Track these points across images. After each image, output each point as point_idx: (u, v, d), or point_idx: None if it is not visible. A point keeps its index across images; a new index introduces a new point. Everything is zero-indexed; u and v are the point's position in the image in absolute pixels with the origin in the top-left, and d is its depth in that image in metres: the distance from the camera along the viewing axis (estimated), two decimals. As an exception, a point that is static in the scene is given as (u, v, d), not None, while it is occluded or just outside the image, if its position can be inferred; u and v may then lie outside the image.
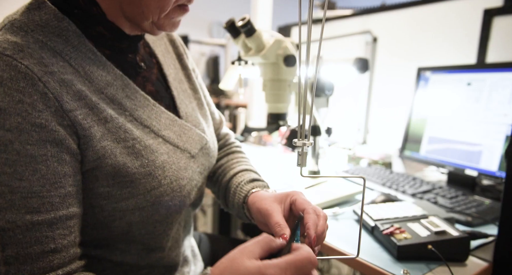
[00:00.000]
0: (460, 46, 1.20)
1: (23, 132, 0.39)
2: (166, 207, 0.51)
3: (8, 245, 0.38)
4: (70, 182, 0.43)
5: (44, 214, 0.40)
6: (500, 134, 0.89)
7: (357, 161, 1.30)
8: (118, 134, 0.47)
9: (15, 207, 0.39)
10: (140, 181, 0.48)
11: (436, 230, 0.62)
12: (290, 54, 0.83)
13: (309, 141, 0.41)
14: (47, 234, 0.40)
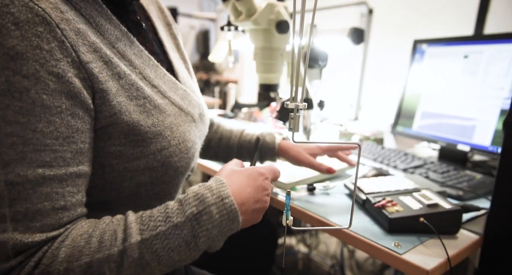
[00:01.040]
0: (458, 17, 1.16)
1: (39, 81, 0.37)
2: (174, 168, 0.51)
3: (17, 200, 0.36)
4: (82, 139, 0.41)
5: (55, 169, 0.38)
6: (495, 109, 0.87)
7: (348, 137, 1.28)
8: (130, 91, 0.46)
9: (27, 159, 0.36)
10: (151, 141, 0.47)
11: (428, 202, 0.60)
12: (282, 19, 0.78)
13: (302, 103, 0.38)
14: (58, 191, 0.38)
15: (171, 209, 0.42)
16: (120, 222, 0.41)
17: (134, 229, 0.39)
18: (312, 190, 0.77)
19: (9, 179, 0.36)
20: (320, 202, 0.71)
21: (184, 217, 0.40)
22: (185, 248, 0.40)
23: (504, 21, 1.05)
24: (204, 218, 0.40)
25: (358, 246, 0.58)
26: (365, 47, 1.45)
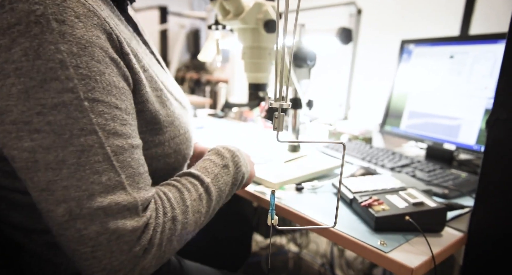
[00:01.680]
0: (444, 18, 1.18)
1: (108, 65, 0.41)
2: (183, 155, 0.57)
3: (123, 168, 0.41)
4: (134, 117, 0.46)
5: (135, 139, 0.44)
6: (480, 108, 0.88)
7: (337, 136, 1.29)
8: (151, 83, 0.51)
9: (119, 132, 0.41)
10: (166, 129, 0.52)
11: (414, 201, 0.61)
12: (271, 19, 0.78)
13: (287, 102, 0.38)
14: (141, 157, 0.45)
15: (214, 158, 0.56)
16: (187, 175, 0.52)
17: (202, 176, 0.52)
18: (300, 189, 0.77)
19: (113, 150, 0.40)
20: (308, 201, 0.71)
21: (225, 160, 0.56)
22: (231, 183, 0.56)
23: (488, 22, 1.07)
24: (236, 159, 0.58)
25: (345, 245, 0.58)
26: (354, 47, 1.46)
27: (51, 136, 0.38)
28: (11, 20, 0.37)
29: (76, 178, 0.38)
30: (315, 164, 0.89)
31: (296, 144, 1.01)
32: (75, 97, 0.38)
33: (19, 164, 0.39)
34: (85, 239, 0.39)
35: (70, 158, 0.38)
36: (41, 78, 0.37)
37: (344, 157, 0.39)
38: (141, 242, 0.41)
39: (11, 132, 0.38)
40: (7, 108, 0.38)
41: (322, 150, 1.10)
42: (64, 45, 0.38)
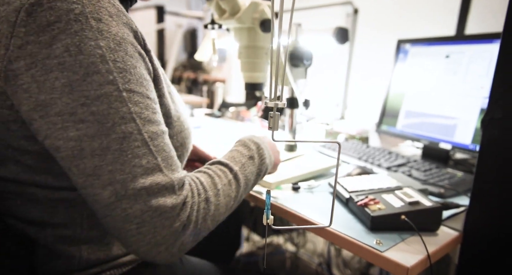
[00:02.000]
0: (441, 18, 1.18)
1: (138, 60, 0.45)
2: (187, 148, 0.60)
3: (158, 152, 0.45)
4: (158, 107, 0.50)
5: (164, 127, 0.48)
6: (476, 108, 0.89)
7: (334, 136, 1.29)
8: (164, 79, 0.54)
9: (152, 120, 0.45)
10: (175, 123, 0.55)
11: (409, 200, 0.61)
12: (267, 18, 0.78)
13: (282, 101, 0.37)
14: (170, 142, 0.48)
15: (241, 149, 0.60)
16: (216, 163, 0.56)
17: (231, 164, 0.56)
18: (296, 189, 0.77)
19: (149, 136, 0.44)
20: (305, 201, 0.71)
21: (251, 151, 0.60)
22: (256, 173, 0.60)
23: (484, 22, 1.07)
24: (261, 152, 0.61)
25: (341, 244, 0.58)
26: (350, 46, 1.46)
27: (95, 125, 0.41)
28: (50, 18, 0.39)
29: (120, 162, 0.42)
30: (311, 163, 0.89)
31: (293, 144, 1.01)
32: (115, 88, 0.42)
33: (65, 153, 0.41)
34: (131, 217, 0.42)
35: (113, 144, 0.41)
36: (83, 72, 0.40)
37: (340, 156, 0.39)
38: (180, 218, 0.45)
39: (57, 123, 0.41)
40: (51, 101, 0.40)
41: (319, 150, 1.10)
42: (103, 41, 0.41)
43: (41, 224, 0.50)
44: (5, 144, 0.45)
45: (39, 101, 0.40)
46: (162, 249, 0.45)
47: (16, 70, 0.40)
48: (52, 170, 0.47)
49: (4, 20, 0.41)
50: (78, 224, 0.51)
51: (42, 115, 0.41)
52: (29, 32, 0.40)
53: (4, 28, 0.40)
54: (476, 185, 0.58)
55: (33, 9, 0.39)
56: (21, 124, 0.43)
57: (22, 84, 0.40)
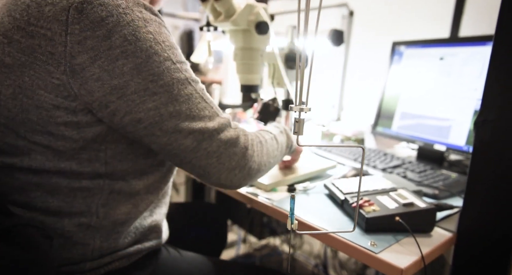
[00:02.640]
0: (435, 20, 1.19)
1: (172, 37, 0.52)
2: None
3: (210, 103, 0.55)
4: None
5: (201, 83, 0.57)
6: (469, 109, 0.90)
7: (330, 137, 1.30)
8: None
9: (196, 80, 0.54)
10: None
11: (404, 202, 0.61)
12: (262, 20, 0.78)
13: (307, 106, 0.37)
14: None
15: (272, 127, 0.72)
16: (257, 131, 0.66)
17: (270, 129, 0.70)
18: (292, 191, 0.77)
19: (201, 93, 0.54)
20: (300, 203, 0.71)
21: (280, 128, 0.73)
22: (286, 143, 0.72)
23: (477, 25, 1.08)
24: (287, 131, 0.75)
25: (336, 246, 0.58)
26: (346, 48, 1.47)
27: (166, 94, 0.50)
28: (102, 13, 0.45)
29: (191, 117, 0.52)
30: (307, 165, 0.89)
31: (289, 145, 1.01)
32: (171, 63, 0.50)
33: (148, 122, 0.50)
34: (211, 153, 0.54)
35: (183, 106, 0.51)
36: (145, 55, 0.47)
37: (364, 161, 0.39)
38: (245, 144, 0.58)
39: (135, 100, 0.48)
40: (125, 83, 0.47)
41: (314, 151, 1.10)
42: (150, 27, 0.48)
43: (60, 213, 0.53)
44: (43, 130, 0.49)
45: (113, 85, 0.47)
46: (237, 172, 0.57)
47: (82, 64, 0.45)
48: (78, 155, 0.52)
49: (52, 19, 0.45)
50: (93, 213, 0.55)
51: (120, 96, 0.48)
52: (84, 28, 0.44)
53: (56, 27, 0.45)
54: (469, 186, 0.58)
55: (83, 7, 0.44)
56: (67, 113, 0.49)
57: (92, 75, 0.46)
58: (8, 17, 0.48)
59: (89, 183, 0.53)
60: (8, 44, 0.47)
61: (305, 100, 0.38)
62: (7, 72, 0.48)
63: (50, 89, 0.47)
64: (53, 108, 0.48)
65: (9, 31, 0.47)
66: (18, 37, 0.46)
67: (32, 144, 0.50)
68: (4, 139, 0.51)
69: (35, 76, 0.47)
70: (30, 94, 0.47)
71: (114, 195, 0.56)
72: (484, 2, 1.07)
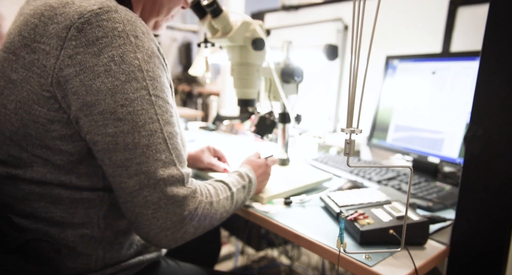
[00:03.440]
0: (427, 35, 1.22)
1: (162, 71, 0.53)
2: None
3: (173, 149, 0.52)
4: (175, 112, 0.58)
5: (177, 129, 0.55)
6: (461, 122, 0.91)
7: (326, 149, 1.31)
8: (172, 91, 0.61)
9: (170, 122, 0.53)
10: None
11: (397, 215, 0.62)
12: (258, 37, 0.80)
13: (358, 128, 0.38)
14: (180, 142, 0.55)
15: (238, 179, 0.70)
16: (220, 181, 0.66)
17: (230, 185, 0.66)
18: (288, 204, 0.78)
19: (167, 135, 0.52)
20: (297, 216, 0.72)
21: (245, 182, 0.70)
22: (242, 200, 0.70)
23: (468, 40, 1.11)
24: (251, 185, 0.72)
25: (331, 258, 0.59)
26: (341, 61, 1.50)
27: (130, 123, 0.48)
28: (98, 34, 0.47)
29: (146, 156, 0.49)
30: (303, 177, 0.90)
31: (285, 158, 1.02)
32: (146, 93, 0.50)
33: (101, 147, 0.49)
34: (149, 203, 0.50)
35: (142, 140, 0.49)
36: (125, 78, 0.48)
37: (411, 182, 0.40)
38: (189, 208, 0.53)
39: (98, 121, 0.48)
40: (96, 102, 0.48)
41: (310, 163, 1.12)
42: (140, 54, 0.50)
43: (63, 224, 0.55)
44: (41, 144, 0.51)
45: (86, 102, 0.48)
46: (169, 233, 0.52)
47: (66, 76, 0.47)
48: (76, 169, 0.53)
49: (53, 36, 0.48)
50: (95, 224, 0.56)
51: (87, 114, 0.48)
52: (79, 45, 0.47)
53: (54, 42, 0.48)
54: (461, 199, 0.60)
55: (83, 27, 0.47)
56: (62, 126, 0.50)
57: (72, 88, 0.48)
58: (18, 37, 0.51)
59: (90, 194, 0.55)
60: (16, 61, 0.51)
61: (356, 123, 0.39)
62: (12, 87, 0.51)
63: (42, 103, 0.49)
64: (48, 123, 0.50)
65: (17, 49, 0.51)
66: (24, 54, 0.50)
67: (34, 157, 0.52)
68: (9, 151, 0.53)
69: (31, 91, 0.49)
70: (27, 109, 0.50)
71: (115, 206, 0.58)
72: (474, 19, 1.10)
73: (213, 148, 0.94)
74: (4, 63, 0.52)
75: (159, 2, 0.66)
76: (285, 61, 0.97)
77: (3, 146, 0.53)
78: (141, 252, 0.65)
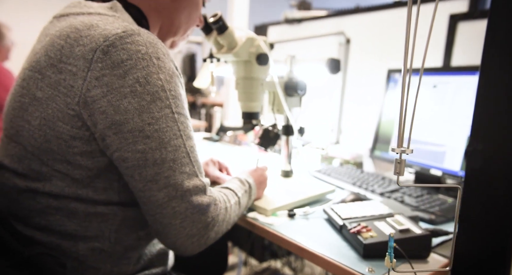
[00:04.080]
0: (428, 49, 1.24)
1: (182, 89, 0.57)
2: None
3: (194, 162, 0.56)
4: None
5: (195, 141, 0.58)
6: (463, 135, 0.93)
7: (329, 160, 1.32)
8: None
9: (190, 136, 0.57)
10: None
11: (400, 228, 0.63)
12: (262, 52, 0.83)
13: (409, 148, 0.39)
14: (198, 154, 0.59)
15: (239, 184, 0.73)
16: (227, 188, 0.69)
17: (236, 191, 0.70)
18: (292, 216, 0.79)
19: (189, 149, 0.56)
20: (300, 228, 0.73)
21: (245, 187, 0.74)
22: (247, 200, 0.74)
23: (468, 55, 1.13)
24: (249, 190, 0.75)
25: (335, 271, 0.60)
26: (344, 74, 1.52)
27: (157, 140, 0.52)
28: (123, 56, 0.50)
29: (172, 170, 0.53)
30: (307, 189, 0.91)
31: (289, 169, 1.03)
32: (170, 111, 0.53)
33: (131, 163, 0.52)
34: (177, 213, 0.54)
35: (169, 155, 0.53)
36: (150, 98, 0.52)
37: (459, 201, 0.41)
38: (212, 214, 0.57)
39: (128, 138, 0.51)
40: (125, 120, 0.51)
41: (314, 174, 1.13)
42: (162, 75, 0.53)
43: (75, 237, 0.56)
44: (62, 159, 0.53)
45: (114, 120, 0.51)
46: (194, 240, 0.56)
47: (93, 97, 0.50)
48: (93, 183, 0.55)
49: (80, 58, 0.51)
50: (106, 238, 0.57)
51: (116, 132, 0.51)
52: (105, 67, 0.50)
53: (81, 64, 0.51)
54: (462, 213, 0.60)
55: (108, 49, 0.50)
56: (83, 142, 0.53)
57: (100, 108, 0.50)
58: (44, 57, 0.54)
59: (104, 208, 0.57)
60: (41, 79, 0.53)
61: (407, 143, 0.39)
62: (37, 105, 0.53)
63: (67, 121, 0.52)
64: (71, 139, 0.53)
65: (43, 68, 0.53)
66: (50, 73, 0.53)
67: (54, 171, 0.54)
68: (30, 165, 0.55)
69: (56, 109, 0.52)
70: (52, 126, 0.52)
71: (126, 221, 0.59)
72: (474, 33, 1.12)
73: (217, 160, 0.95)
74: (29, 81, 0.55)
75: (177, 23, 0.69)
76: (289, 75, 0.99)
77: (24, 160, 0.55)
78: (148, 267, 0.65)
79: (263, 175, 0.84)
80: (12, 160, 0.57)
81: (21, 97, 0.56)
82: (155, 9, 0.66)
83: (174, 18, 0.68)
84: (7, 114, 0.59)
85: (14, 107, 0.57)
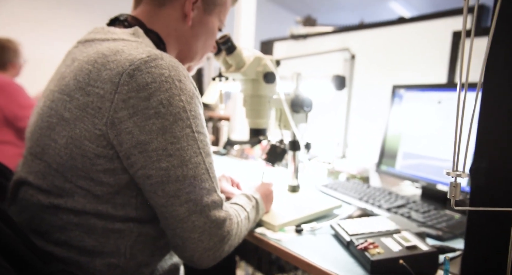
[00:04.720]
0: (432, 65, 1.26)
1: (201, 108, 0.60)
2: None
3: (213, 178, 0.60)
4: None
5: (213, 158, 0.62)
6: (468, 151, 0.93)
7: (336, 175, 1.33)
8: None
9: (209, 153, 0.60)
10: None
11: (407, 244, 0.64)
12: (269, 71, 0.85)
13: (464, 172, 0.41)
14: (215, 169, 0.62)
15: (246, 200, 0.75)
16: (236, 204, 0.71)
17: (245, 206, 0.72)
18: (299, 231, 0.80)
19: (208, 166, 0.59)
20: (308, 244, 0.74)
21: (252, 203, 0.76)
22: (255, 215, 0.76)
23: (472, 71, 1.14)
24: (256, 205, 0.77)
25: (342, 288, 0.60)
26: (349, 89, 1.54)
27: (179, 158, 0.55)
28: (148, 79, 0.54)
29: (193, 186, 0.56)
30: (314, 204, 0.92)
31: (296, 184, 1.04)
32: (191, 131, 0.56)
33: (155, 180, 0.55)
34: (196, 227, 0.57)
35: (189, 172, 0.56)
36: (172, 119, 0.55)
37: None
38: (227, 228, 0.60)
39: (152, 157, 0.54)
40: (149, 140, 0.54)
41: (320, 189, 1.13)
42: (183, 96, 0.56)
43: (93, 253, 0.58)
44: (86, 176, 0.56)
45: (140, 140, 0.54)
46: (211, 253, 0.59)
47: (120, 118, 0.53)
48: (113, 200, 0.58)
49: (107, 81, 0.54)
50: (122, 254, 0.59)
51: (141, 151, 0.54)
52: (131, 89, 0.53)
53: (108, 87, 0.54)
54: (469, 230, 0.61)
55: (134, 73, 0.53)
56: (107, 160, 0.55)
57: (126, 128, 0.53)
58: (73, 80, 0.57)
59: (121, 225, 0.59)
60: (69, 101, 0.56)
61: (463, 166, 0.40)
62: (64, 125, 0.56)
63: (93, 140, 0.55)
64: (95, 157, 0.55)
65: (72, 91, 0.57)
66: (78, 96, 0.56)
67: (77, 187, 0.57)
68: (54, 181, 0.58)
69: (84, 129, 0.55)
70: (78, 145, 0.55)
71: (141, 237, 0.61)
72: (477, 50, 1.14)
73: (230, 176, 0.97)
74: (58, 103, 0.58)
75: (194, 49, 0.73)
76: (295, 92, 1.02)
77: (48, 177, 0.58)
78: None
79: (268, 189, 0.86)
80: (36, 177, 0.59)
81: (49, 117, 0.58)
82: (173, 35, 0.70)
83: (192, 44, 0.72)
84: (33, 133, 0.62)
85: (42, 126, 0.59)
